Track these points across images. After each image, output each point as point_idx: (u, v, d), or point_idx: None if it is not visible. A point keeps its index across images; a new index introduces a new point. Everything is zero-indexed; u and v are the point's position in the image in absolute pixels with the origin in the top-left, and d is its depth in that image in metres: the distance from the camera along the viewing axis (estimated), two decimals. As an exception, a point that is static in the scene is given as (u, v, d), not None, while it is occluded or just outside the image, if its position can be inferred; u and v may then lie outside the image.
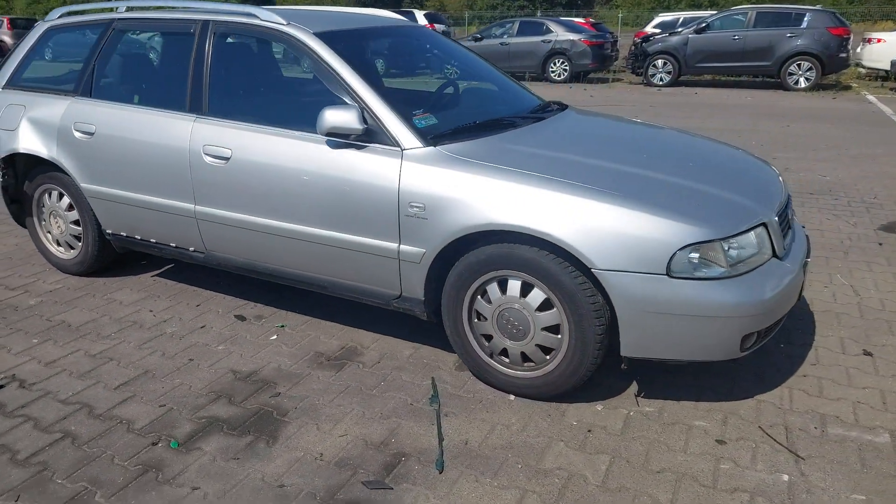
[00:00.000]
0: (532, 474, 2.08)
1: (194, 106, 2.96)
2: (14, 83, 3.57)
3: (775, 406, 2.44)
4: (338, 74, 2.65)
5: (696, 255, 2.17)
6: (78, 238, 3.52)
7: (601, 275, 2.20)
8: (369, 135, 2.55)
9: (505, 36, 15.89)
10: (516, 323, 2.42)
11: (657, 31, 17.20)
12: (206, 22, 3.00)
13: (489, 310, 2.46)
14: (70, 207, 3.47)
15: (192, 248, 3.12)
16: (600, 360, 2.34)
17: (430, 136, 2.54)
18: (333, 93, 2.66)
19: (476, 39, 16.42)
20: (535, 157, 2.49)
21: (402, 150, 2.50)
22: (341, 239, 2.65)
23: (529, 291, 2.36)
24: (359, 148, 2.57)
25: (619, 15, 23.51)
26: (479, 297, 2.48)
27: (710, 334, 2.21)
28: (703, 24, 13.82)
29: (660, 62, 14.19)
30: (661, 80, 14.22)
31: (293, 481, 2.05)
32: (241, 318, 3.16)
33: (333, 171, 2.60)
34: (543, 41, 15.25)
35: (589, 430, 2.30)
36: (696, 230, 2.17)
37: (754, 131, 8.31)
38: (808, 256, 2.59)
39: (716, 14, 14.35)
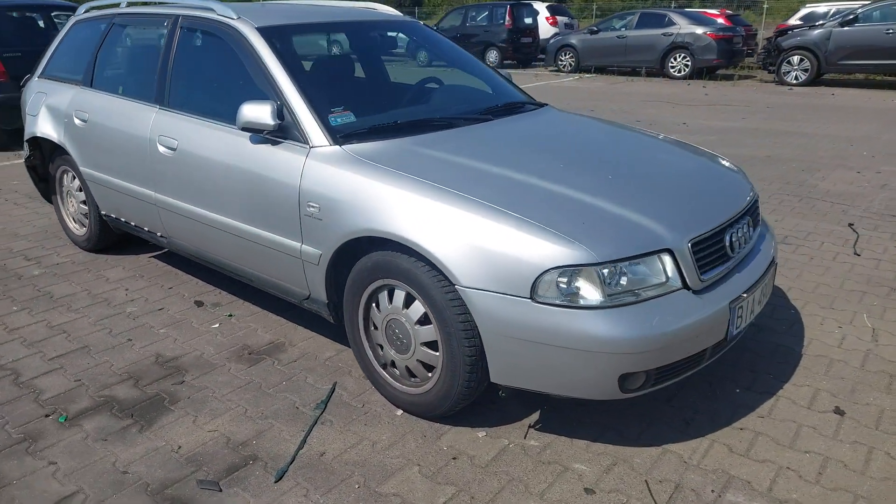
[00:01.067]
0: (365, 497, 1.99)
1: (158, 97, 3.13)
2: (45, 73, 3.98)
3: (681, 459, 2.14)
4: (267, 69, 2.68)
5: (566, 280, 1.95)
6: (86, 216, 3.86)
7: (464, 292, 2.05)
8: (283, 131, 2.56)
9: (623, 28, 15.20)
10: (401, 335, 2.32)
11: (799, 23, 15.62)
12: (176, 16, 3.16)
13: (379, 318, 2.38)
14: (80, 188, 3.82)
15: (159, 234, 3.31)
16: (476, 384, 2.18)
17: (340, 135, 2.50)
18: (260, 87, 2.70)
19: (592, 32, 15.86)
20: (439, 162, 2.37)
21: (310, 148, 2.48)
22: (257, 234, 2.68)
23: (412, 303, 2.26)
24: (274, 143, 2.59)
25: (765, 6, 21.43)
26: (372, 304, 2.41)
27: (580, 369, 1.98)
28: (851, 16, 12.34)
29: (795, 59, 12.88)
30: (797, 78, 12.91)
31: (137, 470, 2.12)
32: (199, 303, 3.31)
33: (251, 165, 2.64)
34: (664, 34, 14.40)
35: (454, 458, 2.16)
36: (566, 252, 1.95)
37: (876, 140, 7.31)
38: (748, 292, 2.24)
39: (868, 4, 12.74)
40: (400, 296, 2.28)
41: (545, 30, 19.29)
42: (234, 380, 2.63)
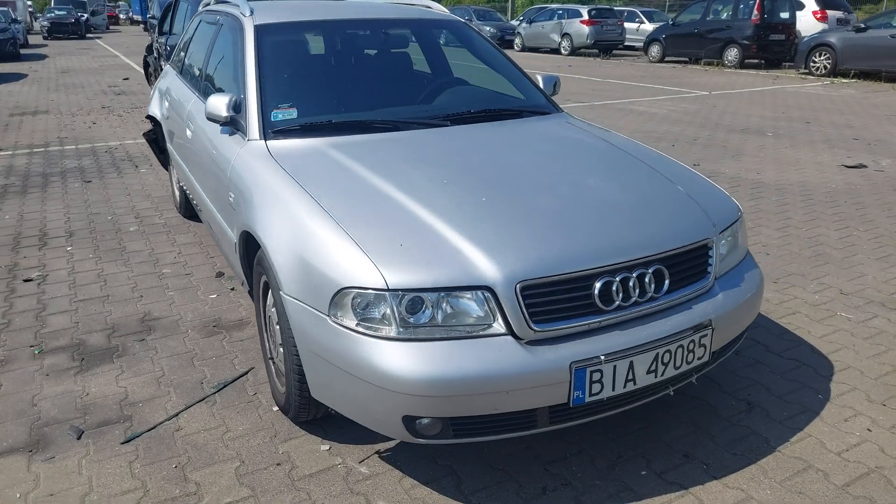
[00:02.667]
0: (171, 478, 2.09)
1: (197, 85, 3.53)
2: (169, 59, 4.69)
3: (489, 531, 1.87)
4: (244, 64, 2.87)
5: (361, 303, 1.82)
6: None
7: (283, 298, 2.02)
8: (235, 123, 2.73)
9: (901, 26, 12.67)
10: (272, 332, 2.37)
11: None
12: (222, 13, 3.51)
13: (266, 312, 2.45)
14: (178, 161, 4.47)
15: (199, 209, 3.75)
16: (306, 397, 2.13)
17: (271, 130, 2.60)
18: (235, 80, 2.90)
19: (858, 30, 13.50)
20: (329, 164, 2.34)
21: (246, 141, 2.62)
22: (217, 218, 2.91)
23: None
24: (231, 134, 2.77)
25: None
26: (267, 297, 2.48)
27: (367, 400, 1.84)
28: None
29: None
30: None
31: (42, 405, 2.48)
32: (220, 274, 3.67)
33: (213, 153, 2.87)
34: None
35: (278, 464, 2.15)
36: (361, 274, 1.81)
37: None
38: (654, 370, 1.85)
39: None
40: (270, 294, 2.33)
41: (810, 26, 16.86)
42: (180, 346, 2.91)
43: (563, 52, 20.52)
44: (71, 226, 4.47)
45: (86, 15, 29.67)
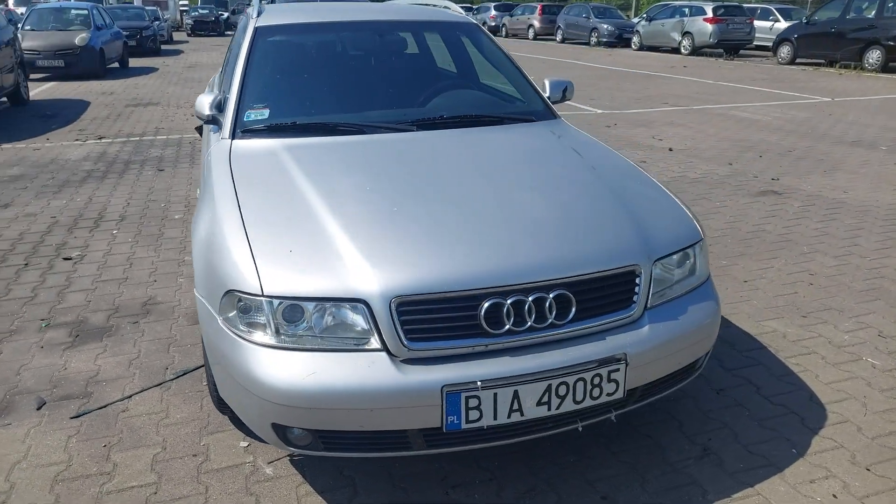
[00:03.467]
0: (94, 456, 2.22)
1: (220, 83, 3.72)
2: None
3: (356, 549, 1.82)
4: (235, 63, 2.99)
5: (242, 307, 1.84)
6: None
7: (195, 296, 2.09)
8: (216, 121, 2.84)
9: None
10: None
11: None
12: (248, 14, 3.67)
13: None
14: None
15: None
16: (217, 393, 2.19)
17: (240, 130, 2.68)
18: (229, 80, 3.03)
19: None
20: (273, 165, 2.38)
21: (219, 139, 2.73)
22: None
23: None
24: (215, 132, 2.90)
25: None
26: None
27: (246, 405, 1.86)
28: None
29: None
30: None
31: (24, 375, 2.72)
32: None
33: (203, 149, 3.01)
34: None
35: (194, 455, 2.23)
36: (243, 278, 1.83)
37: None
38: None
39: None
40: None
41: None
42: (164, 332, 3.09)
43: (683, 51, 19.53)
44: (126, 211, 4.86)
45: (226, 13, 31.98)
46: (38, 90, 11.55)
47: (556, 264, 1.86)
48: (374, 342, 1.77)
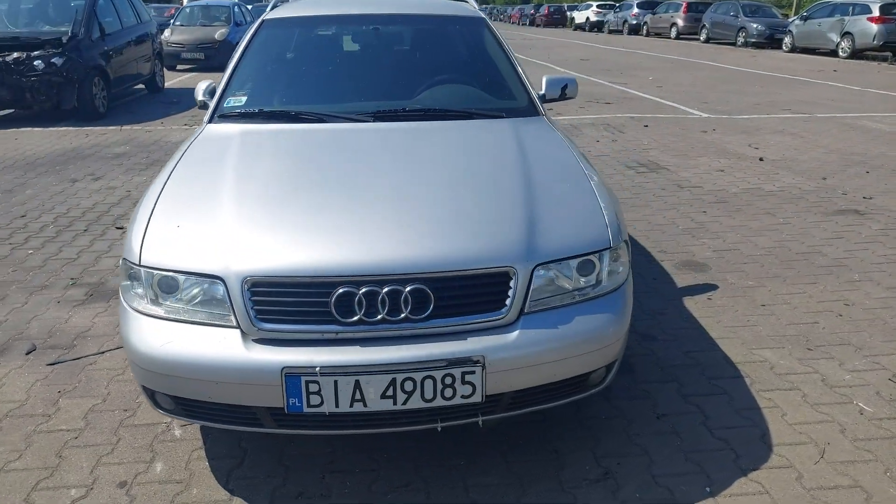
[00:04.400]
0: (45, 398, 2.52)
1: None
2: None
3: (208, 514, 1.93)
4: (234, 53, 3.20)
5: (129, 274, 2.00)
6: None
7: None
8: (206, 106, 3.07)
9: None
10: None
11: None
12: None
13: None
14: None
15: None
16: None
17: (217, 115, 2.88)
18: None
19: None
20: (219, 150, 2.54)
21: (203, 122, 2.95)
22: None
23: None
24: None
25: None
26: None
27: (131, 366, 2.03)
28: None
29: None
30: None
31: (33, 325, 3.12)
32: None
33: (202, 133, 3.26)
34: None
35: (122, 424, 2.44)
36: (129, 247, 2.01)
37: None
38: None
39: None
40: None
41: None
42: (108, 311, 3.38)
43: (841, 53, 17.74)
44: (190, 189, 5.33)
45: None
46: (178, 80, 12.83)
47: (415, 259, 1.85)
48: (232, 319, 1.86)
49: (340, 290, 1.82)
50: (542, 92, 3.18)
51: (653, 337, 3.00)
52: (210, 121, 2.87)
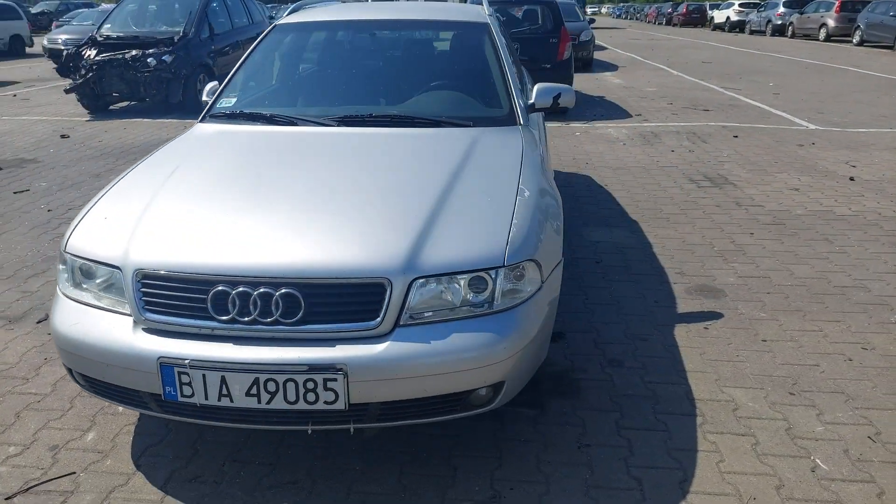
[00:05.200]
0: (23, 353, 2.83)
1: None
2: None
3: None
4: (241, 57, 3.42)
5: (62, 259, 2.23)
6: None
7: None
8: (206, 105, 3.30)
9: None
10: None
11: None
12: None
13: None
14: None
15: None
16: None
17: (208, 115, 3.10)
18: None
19: None
20: (187, 147, 2.74)
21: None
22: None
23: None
24: (212, 115, 3.37)
25: None
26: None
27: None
28: None
29: None
30: None
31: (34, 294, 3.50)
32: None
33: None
34: None
35: (71, 408, 2.70)
36: (65, 233, 2.22)
37: None
38: None
39: None
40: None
41: None
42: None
43: None
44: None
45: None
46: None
47: (288, 264, 1.92)
48: (126, 308, 2.02)
49: (217, 289, 1.92)
50: (532, 101, 3.12)
51: (619, 363, 2.86)
52: (201, 120, 3.09)
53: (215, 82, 3.31)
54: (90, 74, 8.56)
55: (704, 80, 12.67)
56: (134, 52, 8.62)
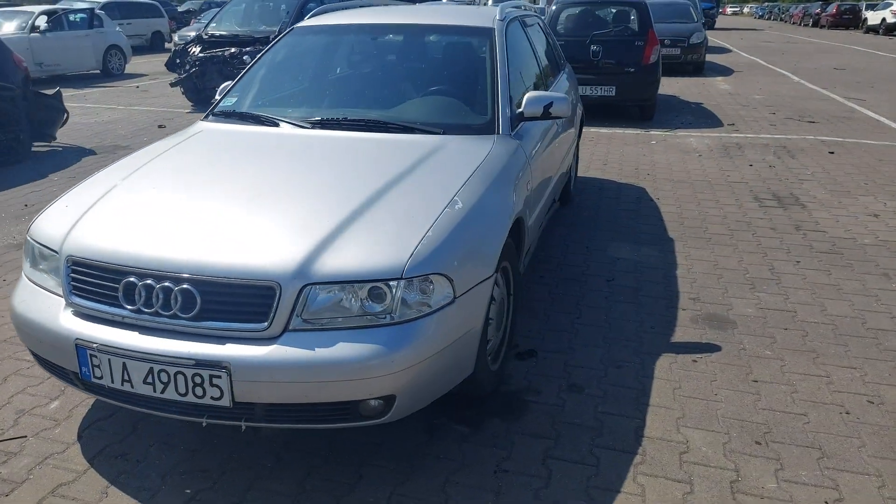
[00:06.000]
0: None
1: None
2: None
3: None
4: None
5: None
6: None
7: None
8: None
9: None
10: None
11: None
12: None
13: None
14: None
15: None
16: None
17: (211, 112, 3.27)
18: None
19: None
20: (173, 142, 2.90)
21: (206, 118, 3.38)
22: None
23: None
24: (225, 112, 3.55)
25: None
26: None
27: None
28: None
29: None
30: None
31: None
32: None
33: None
34: None
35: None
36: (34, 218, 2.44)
37: None
38: None
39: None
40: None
41: None
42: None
43: None
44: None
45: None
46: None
47: (188, 261, 2.01)
48: (61, 290, 2.20)
49: (128, 279, 2.05)
50: (521, 109, 3.03)
51: (580, 388, 2.73)
52: (205, 118, 3.27)
53: (229, 82, 3.49)
54: (193, 70, 9.26)
55: (827, 88, 11.64)
56: (232, 50, 9.22)
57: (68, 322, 2.12)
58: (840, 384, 2.77)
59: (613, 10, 8.54)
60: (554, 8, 8.50)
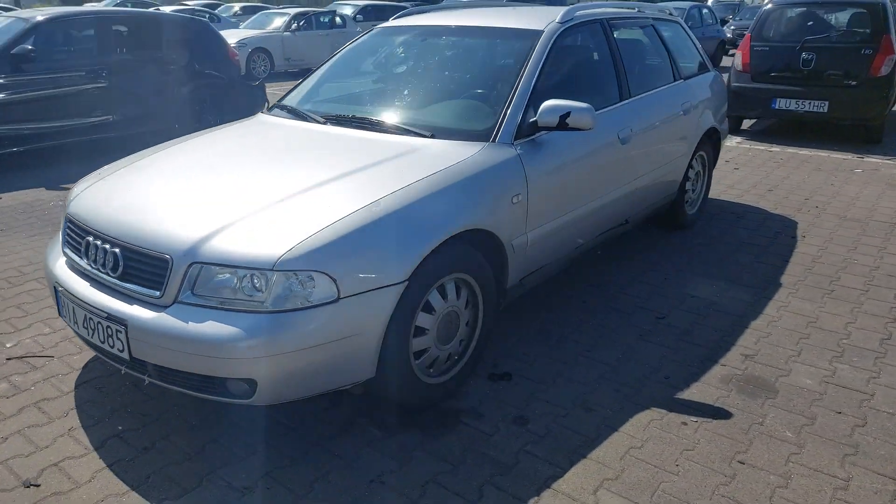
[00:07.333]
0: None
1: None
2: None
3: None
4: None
5: None
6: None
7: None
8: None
9: None
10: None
11: None
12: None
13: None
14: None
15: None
16: None
17: (274, 105, 3.61)
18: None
19: None
20: (219, 128, 3.27)
21: (267, 107, 3.73)
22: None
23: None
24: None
25: None
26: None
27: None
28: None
29: None
30: None
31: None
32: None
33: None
34: None
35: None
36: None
37: None
38: None
39: None
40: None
41: None
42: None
43: None
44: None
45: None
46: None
47: (118, 229, 2.35)
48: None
49: (87, 238, 2.45)
50: (534, 118, 2.87)
51: (524, 422, 2.54)
52: (270, 109, 3.63)
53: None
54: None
55: None
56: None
57: (56, 267, 2.58)
58: (855, 493, 2.20)
59: (840, 12, 7.31)
60: (766, 9, 7.54)
